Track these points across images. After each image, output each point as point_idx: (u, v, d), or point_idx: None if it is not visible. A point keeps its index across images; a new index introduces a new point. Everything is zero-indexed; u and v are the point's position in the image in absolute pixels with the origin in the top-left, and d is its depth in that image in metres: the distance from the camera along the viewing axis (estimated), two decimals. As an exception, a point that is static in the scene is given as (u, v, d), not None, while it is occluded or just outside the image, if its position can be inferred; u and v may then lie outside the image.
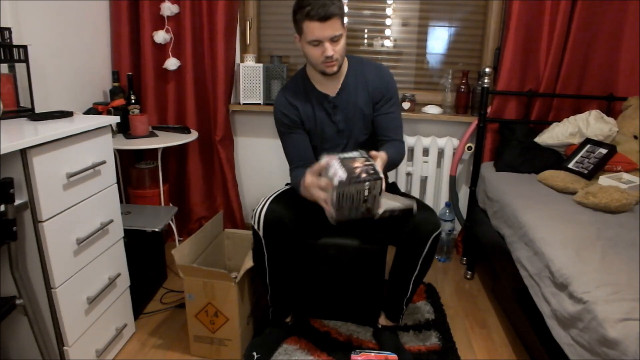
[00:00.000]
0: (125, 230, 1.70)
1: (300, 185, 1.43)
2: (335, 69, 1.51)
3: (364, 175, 1.23)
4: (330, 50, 1.44)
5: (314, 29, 1.41)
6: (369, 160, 1.29)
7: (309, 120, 1.63)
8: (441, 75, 2.48)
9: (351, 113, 1.62)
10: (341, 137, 1.66)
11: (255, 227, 1.50)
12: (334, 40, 1.45)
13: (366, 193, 1.25)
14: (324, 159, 1.30)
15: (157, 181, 2.28)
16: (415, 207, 1.41)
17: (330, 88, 1.61)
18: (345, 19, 1.51)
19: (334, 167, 1.25)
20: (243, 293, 1.62)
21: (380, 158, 1.37)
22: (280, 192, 1.62)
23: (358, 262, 1.75)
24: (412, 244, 1.50)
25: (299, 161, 1.63)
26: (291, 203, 1.53)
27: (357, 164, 1.25)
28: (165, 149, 2.32)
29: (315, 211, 1.44)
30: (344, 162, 1.26)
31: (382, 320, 1.72)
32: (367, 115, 1.63)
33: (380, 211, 1.32)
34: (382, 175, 1.25)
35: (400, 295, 1.61)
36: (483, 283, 2.26)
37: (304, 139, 1.64)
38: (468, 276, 2.29)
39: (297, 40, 1.53)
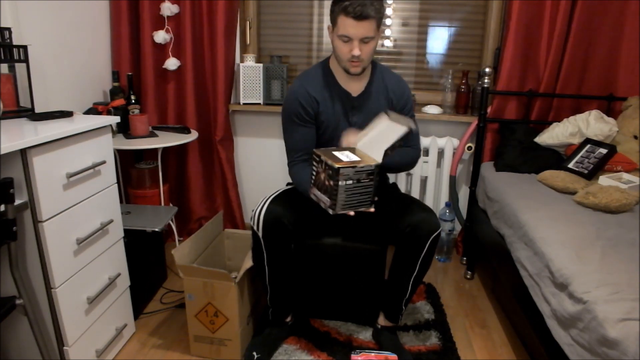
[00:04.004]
0: (125, 230, 1.70)
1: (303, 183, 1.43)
2: (359, 69, 1.50)
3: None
4: (357, 50, 1.43)
5: (347, 25, 1.41)
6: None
7: (326, 113, 1.59)
8: (441, 75, 2.48)
9: (371, 119, 1.59)
10: None
11: (255, 227, 1.50)
12: (364, 41, 1.43)
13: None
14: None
15: (157, 181, 2.28)
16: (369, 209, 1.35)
17: (353, 88, 1.60)
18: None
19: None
20: (243, 293, 1.62)
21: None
22: (280, 193, 1.61)
23: (358, 262, 1.75)
24: (411, 244, 1.50)
25: (302, 154, 1.60)
26: (291, 203, 1.53)
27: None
28: (165, 149, 2.32)
29: (315, 211, 1.44)
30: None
31: (382, 321, 1.72)
32: None
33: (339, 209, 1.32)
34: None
35: (399, 296, 1.61)
36: (483, 283, 2.26)
37: (312, 132, 1.61)
38: (468, 276, 2.29)
39: (330, 31, 1.51)
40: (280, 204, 1.50)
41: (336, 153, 1.32)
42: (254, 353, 1.60)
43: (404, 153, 1.62)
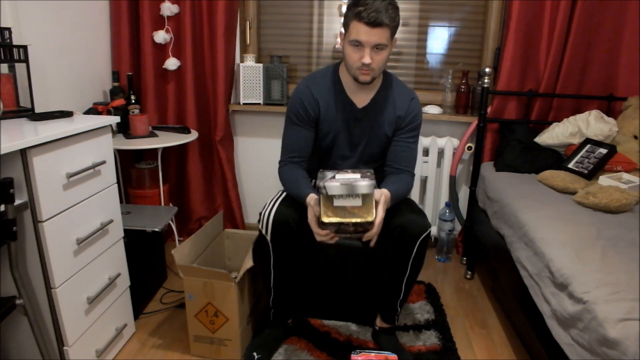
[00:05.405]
0: (125, 230, 1.70)
1: (303, 197, 1.43)
2: (368, 78, 1.45)
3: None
4: (368, 58, 1.39)
5: (360, 31, 1.37)
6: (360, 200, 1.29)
7: (327, 119, 1.56)
8: (441, 75, 2.48)
9: (373, 132, 1.58)
10: (352, 150, 1.62)
11: (263, 230, 1.48)
12: (376, 49, 1.40)
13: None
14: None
15: (157, 181, 2.28)
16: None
17: (359, 98, 1.56)
18: (397, 33, 1.48)
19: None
20: (243, 293, 1.62)
21: (383, 196, 1.36)
22: (286, 195, 1.60)
23: (358, 262, 1.75)
24: (401, 245, 1.48)
25: (295, 156, 1.58)
26: (297, 205, 1.51)
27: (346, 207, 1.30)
28: (165, 149, 2.32)
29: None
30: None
31: (379, 322, 1.72)
32: (389, 138, 1.59)
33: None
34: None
35: (393, 297, 1.61)
36: (483, 283, 2.26)
37: (309, 135, 1.59)
38: (468, 276, 2.29)
39: (341, 37, 1.48)
40: (288, 206, 1.49)
41: (344, 203, 1.30)
42: (254, 353, 1.60)
43: (402, 180, 1.57)
